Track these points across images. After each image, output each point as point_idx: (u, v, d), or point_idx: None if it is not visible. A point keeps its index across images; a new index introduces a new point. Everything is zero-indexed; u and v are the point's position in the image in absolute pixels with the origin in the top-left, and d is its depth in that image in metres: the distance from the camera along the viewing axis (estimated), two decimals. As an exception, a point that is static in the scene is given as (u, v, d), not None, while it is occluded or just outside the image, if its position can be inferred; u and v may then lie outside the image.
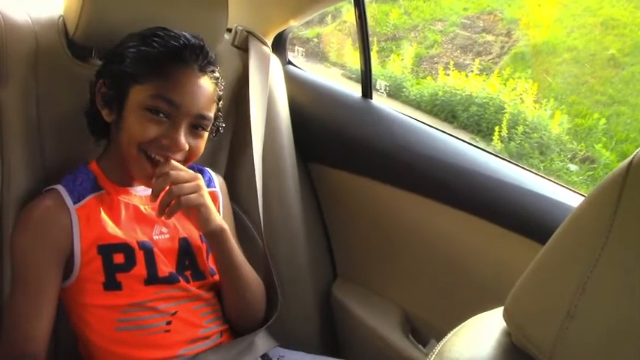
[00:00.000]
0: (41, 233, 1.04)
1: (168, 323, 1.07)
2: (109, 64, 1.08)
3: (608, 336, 0.53)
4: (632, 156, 0.53)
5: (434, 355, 0.62)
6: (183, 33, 1.07)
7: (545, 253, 0.59)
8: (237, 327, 1.19)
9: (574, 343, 0.54)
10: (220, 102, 1.14)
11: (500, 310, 0.63)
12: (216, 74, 1.10)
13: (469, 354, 0.62)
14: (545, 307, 0.57)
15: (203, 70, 1.07)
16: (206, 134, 1.10)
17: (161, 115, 1.03)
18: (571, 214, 0.58)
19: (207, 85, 1.07)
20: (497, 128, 3.56)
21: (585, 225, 0.56)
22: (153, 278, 1.07)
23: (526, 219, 1.18)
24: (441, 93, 4.00)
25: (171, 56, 1.04)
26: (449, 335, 0.65)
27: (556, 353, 0.55)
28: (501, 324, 0.63)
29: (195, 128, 1.07)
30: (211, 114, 1.09)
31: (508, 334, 0.63)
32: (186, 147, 1.05)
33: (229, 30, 1.41)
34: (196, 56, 1.06)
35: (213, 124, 1.13)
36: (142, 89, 1.03)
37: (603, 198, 0.54)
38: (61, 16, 1.19)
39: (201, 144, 1.09)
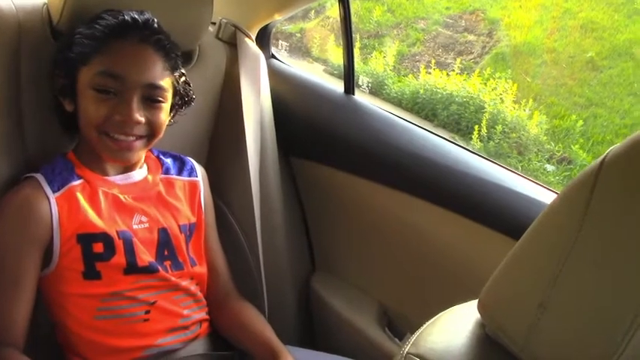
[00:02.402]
0: (20, 222, 1.04)
1: (147, 312, 1.07)
2: (58, 53, 1.09)
3: (578, 327, 0.55)
4: (603, 155, 0.55)
5: (409, 345, 0.63)
6: (130, 12, 1.07)
7: (520, 247, 0.61)
8: None
9: (546, 333, 0.56)
10: (177, 71, 1.12)
11: (474, 302, 0.65)
12: (165, 42, 1.08)
13: (444, 344, 0.64)
14: (518, 299, 0.59)
15: (146, 40, 1.06)
16: (164, 105, 1.09)
17: (110, 92, 1.03)
18: (545, 209, 0.59)
19: (152, 54, 1.06)
20: (476, 127, 3.59)
21: (558, 220, 0.58)
22: (132, 268, 1.06)
23: (503, 215, 1.20)
24: (422, 91, 4.01)
25: (112, 32, 1.04)
26: (425, 326, 0.66)
27: (528, 343, 0.57)
28: (476, 315, 0.65)
29: (149, 100, 1.06)
30: (162, 82, 1.07)
31: (482, 325, 0.64)
32: (141, 120, 1.04)
33: (213, 23, 1.40)
34: (138, 28, 1.05)
35: (179, 96, 1.12)
36: (88, 70, 1.04)
37: (576, 195, 0.56)
38: (45, 3, 1.18)
39: (161, 116, 1.08)
